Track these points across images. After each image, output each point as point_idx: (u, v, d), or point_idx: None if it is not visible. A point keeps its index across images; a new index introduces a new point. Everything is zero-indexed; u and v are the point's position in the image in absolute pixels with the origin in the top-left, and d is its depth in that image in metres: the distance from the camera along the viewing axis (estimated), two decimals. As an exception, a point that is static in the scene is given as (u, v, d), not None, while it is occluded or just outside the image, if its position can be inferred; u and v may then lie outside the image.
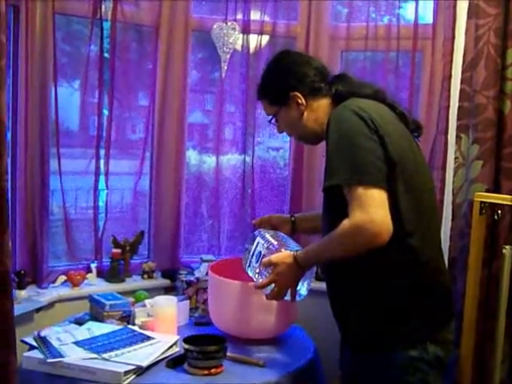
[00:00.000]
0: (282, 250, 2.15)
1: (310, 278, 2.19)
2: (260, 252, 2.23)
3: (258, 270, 2.23)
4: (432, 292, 1.97)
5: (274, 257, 2.11)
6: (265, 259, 2.15)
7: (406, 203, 1.89)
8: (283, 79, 2.18)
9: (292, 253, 2.07)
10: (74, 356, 2.21)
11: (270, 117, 2.26)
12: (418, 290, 1.94)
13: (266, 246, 2.24)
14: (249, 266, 2.31)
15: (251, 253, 2.30)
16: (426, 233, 1.97)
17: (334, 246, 1.90)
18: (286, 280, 2.07)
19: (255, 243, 2.30)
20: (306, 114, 2.15)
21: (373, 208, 1.76)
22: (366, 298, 1.97)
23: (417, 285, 1.94)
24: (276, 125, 2.27)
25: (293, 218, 2.52)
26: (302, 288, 2.16)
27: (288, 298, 2.13)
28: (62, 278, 3.08)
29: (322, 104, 2.14)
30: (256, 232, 2.38)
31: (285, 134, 2.32)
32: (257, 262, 2.24)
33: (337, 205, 1.89)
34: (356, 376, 2.09)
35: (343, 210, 1.82)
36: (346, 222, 1.80)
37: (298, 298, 2.15)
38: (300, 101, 2.14)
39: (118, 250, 3.18)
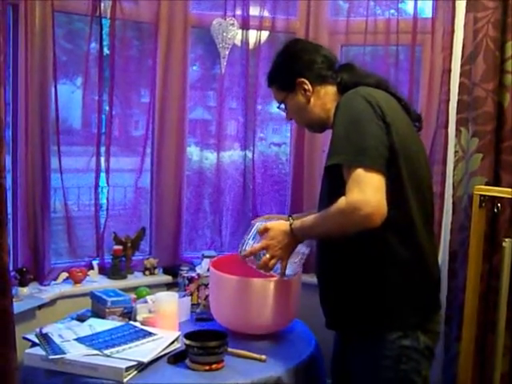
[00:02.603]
0: None
1: (300, 261, 2.25)
2: (257, 231, 2.24)
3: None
4: (424, 281, 2.02)
5: (270, 223, 2.17)
6: (260, 226, 2.18)
7: (410, 191, 1.94)
8: (291, 65, 2.22)
9: (288, 222, 2.11)
10: (76, 352, 2.21)
11: (279, 105, 2.30)
12: (411, 278, 1.98)
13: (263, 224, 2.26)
14: (245, 248, 2.28)
15: (249, 236, 2.29)
16: (424, 223, 2.01)
17: (328, 222, 1.94)
18: (279, 246, 2.10)
19: (254, 227, 2.30)
20: (312, 100, 2.18)
21: (370, 190, 1.80)
22: (360, 279, 2.00)
23: (410, 272, 1.97)
24: (285, 112, 2.31)
25: (291, 218, 2.54)
26: (291, 267, 2.19)
27: (277, 271, 2.16)
28: (64, 275, 3.09)
29: (329, 91, 2.17)
30: (253, 221, 2.40)
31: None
32: (253, 239, 2.25)
33: (335, 184, 1.92)
34: (348, 365, 2.13)
35: (341, 190, 1.85)
36: (342, 200, 1.84)
37: (287, 273, 2.18)
38: (307, 87, 2.17)
39: (120, 247, 3.19)
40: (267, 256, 2.12)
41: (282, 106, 2.29)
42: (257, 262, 2.17)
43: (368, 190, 1.80)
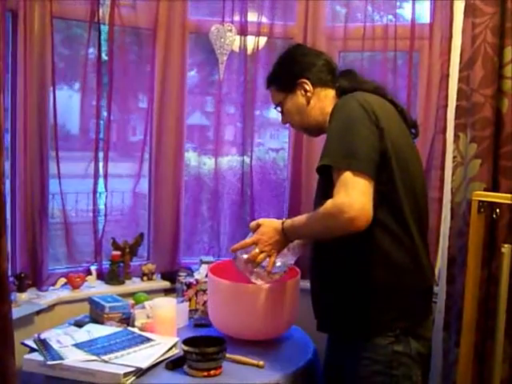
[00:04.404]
0: None
1: (288, 262, 2.29)
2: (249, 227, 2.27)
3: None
4: (417, 286, 2.05)
5: (262, 219, 2.22)
6: (253, 222, 2.23)
7: (403, 196, 1.97)
8: (292, 67, 2.26)
9: (280, 220, 2.15)
10: (74, 358, 2.22)
11: (277, 106, 2.33)
12: (403, 283, 2.00)
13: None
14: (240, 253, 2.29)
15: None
16: (418, 228, 2.04)
17: (315, 223, 1.98)
18: (269, 242, 2.13)
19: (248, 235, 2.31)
20: (312, 101, 2.21)
21: (356, 194, 1.82)
22: (351, 282, 2.03)
23: (403, 276, 2.00)
24: (281, 114, 2.34)
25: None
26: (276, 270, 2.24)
27: (264, 265, 2.18)
28: (62, 280, 3.09)
29: (329, 95, 2.21)
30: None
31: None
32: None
33: (327, 185, 1.94)
34: (340, 369, 2.14)
35: (332, 191, 1.88)
36: (329, 202, 1.87)
37: (273, 270, 2.21)
38: (308, 87, 2.20)
39: (118, 253, 3.18)
40: (256, 250, 2.14)
41: (279, 108, 2.31)
42: (244, 259, 2.20)
43: (354, 194, 1.82)
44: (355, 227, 1.83)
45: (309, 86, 2.20)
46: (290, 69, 2.26)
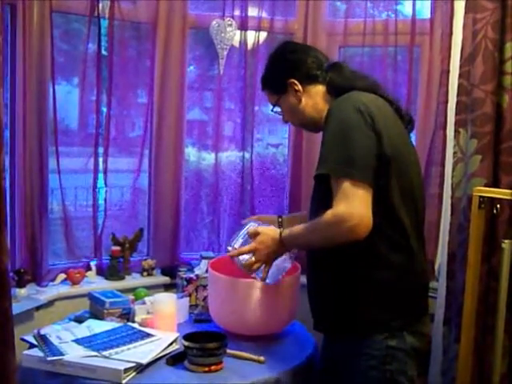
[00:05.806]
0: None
1: (282, 269, 2.30)
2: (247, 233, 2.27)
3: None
4: (413, 285, 2.05)
5: (261, 228, 2.20)
6: (252, 228, 2.23)
7: (399, 199, 1.96)
8: (280, 68, 2.27)
9: (278, 230, 2.15)
10: (74, 354, 2.21)
11: (273, 107, 2.34)
12: (400, 282, 2.00)
13: (254, 226, 2.29)
14: (233, 245, 2.31)
15: (239, 234, 2.34)
16: (414, 229, 2.03)
17: (314, 233, 1.98)
18: (266, 252, 2.14)
19: (246, 227, 2.33)
20: (303, 100, 2.21)
21: (356, 203, 1.83)
22: (346, 281, 2.03)
23: (400, 276, 2.00)
24: (281, 114, 2.34)
25: (280, 219, 2.62)
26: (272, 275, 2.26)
27: (259, 274, 2.21)
28: (62, 276, 3.08)
29: (320, 91, 2.20)
30: (244, 221, 2.49)
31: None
32: (242, 238, 2.29)
33: (324, 191, 1.94)
34: (334, 365, 2.13)
35: (329, 199, 1.89)
36: (329, 212, 1.87)
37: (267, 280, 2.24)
38: (297, 87, 2.20)
39: (118, 248, 3.18)
40: (253, 259, 2.16)
41: (276, 108, 2.33)
42: (241, 263, 2.21)
43: (354, 203, 1.83)
44: (356, 236, 1.84)
45: (298, 86, 2.19)
46: (278, 71, 2.26)
